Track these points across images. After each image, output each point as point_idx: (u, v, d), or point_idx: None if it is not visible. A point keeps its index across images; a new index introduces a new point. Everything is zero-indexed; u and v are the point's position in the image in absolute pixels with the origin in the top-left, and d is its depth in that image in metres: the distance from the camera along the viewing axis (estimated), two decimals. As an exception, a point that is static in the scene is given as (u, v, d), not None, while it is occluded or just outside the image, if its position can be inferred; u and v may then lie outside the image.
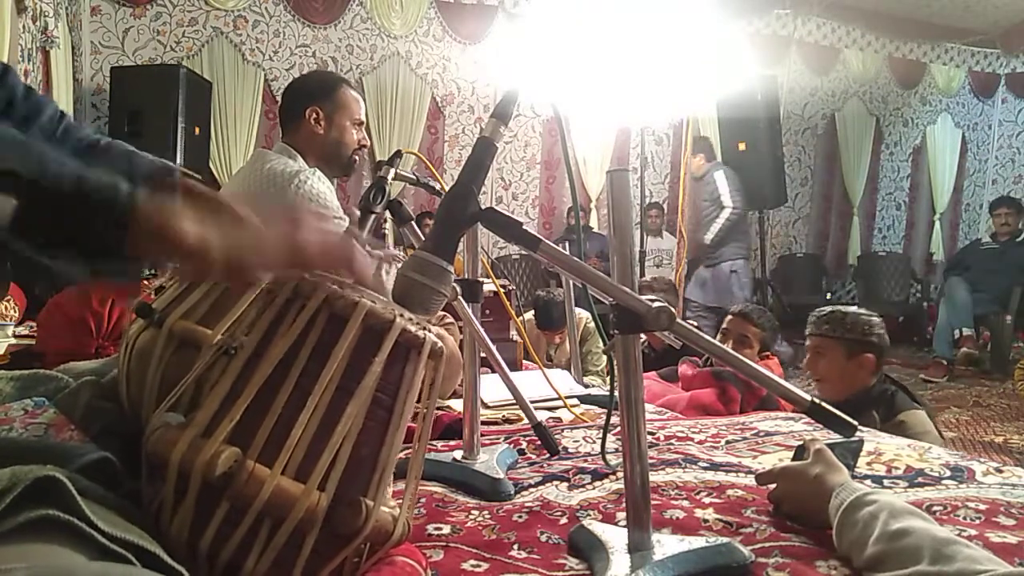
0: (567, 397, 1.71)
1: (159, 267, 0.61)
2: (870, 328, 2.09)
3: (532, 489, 1.14)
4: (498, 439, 1.41)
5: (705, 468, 1.24)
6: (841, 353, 2.09)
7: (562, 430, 1.51)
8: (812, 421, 1.22)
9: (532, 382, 1.74)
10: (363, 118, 1.94)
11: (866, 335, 2.08)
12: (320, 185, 1.75)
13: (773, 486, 1.03)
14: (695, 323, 3.69)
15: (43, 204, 0.53)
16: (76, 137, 0.98)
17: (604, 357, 3.14)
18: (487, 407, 1.64)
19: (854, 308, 2.19)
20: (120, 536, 0.54)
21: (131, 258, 0.58)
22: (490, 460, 1.20)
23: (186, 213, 0.59)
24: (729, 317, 2.58)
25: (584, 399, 1.79)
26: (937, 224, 8.09)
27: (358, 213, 1.34)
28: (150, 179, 0.92)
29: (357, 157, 1.93)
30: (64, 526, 0.53)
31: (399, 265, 0.83)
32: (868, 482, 1.15)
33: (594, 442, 1.41)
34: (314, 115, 1.85)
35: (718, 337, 2.55)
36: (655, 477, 1.18)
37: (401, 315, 0.70)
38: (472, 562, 0.87)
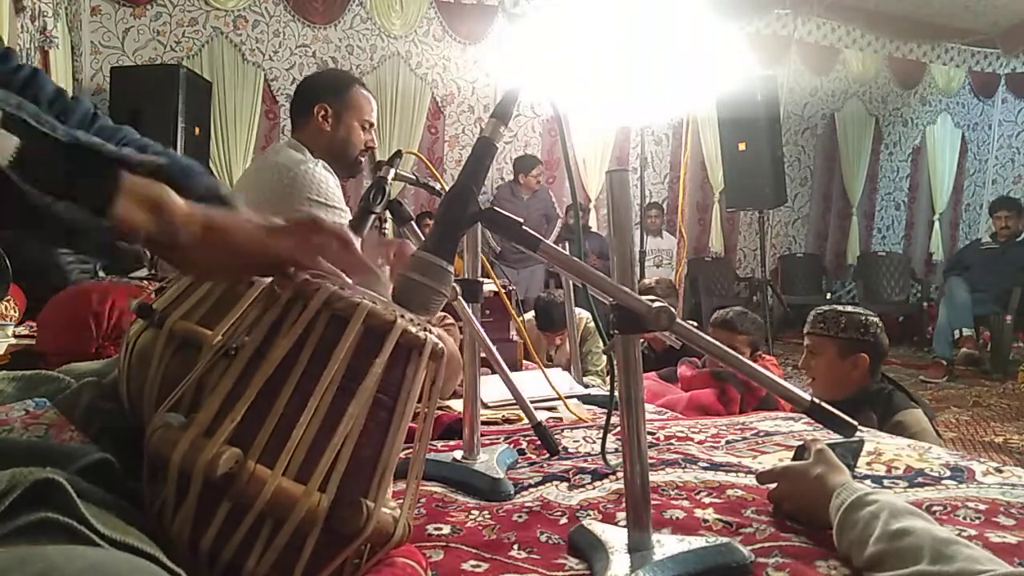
0: (567, 397, 1.71)
1: (144, 246, 0.61)
2: (865, 328, 2.06)
3: (532, 489, 1.14)
4: (498, 439, 1.42)
5: (705, 468, 1.24)
6: (835, 352, 2.08)
7: (562, 430, 1.51)
8: (812, 421, 1.22)
9: (532, 382, 1.74)
10: (373, 120, 1.92)
11: (861, 335, 2.05)
12: (325, 174, 1.76)
13: (773, 486, 1.03)
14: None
15: (41, 150, 0.54)
16: (116, 139, 0.95)
17: (604, 357, 3.14)
18: (487, 407, 1.64)
19: (851, 308, 2.16)
20: (119, 539, 0.54)
21: (113, 232, 0.58)
22: (490, 460, 1.21)
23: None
24: (711, 330, 2.53)
25: (584, 399, 1.79)
26: (937, 224, 8.10)
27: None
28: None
29: (363, 159, 1.92)
30: (63, 529, 0.52)
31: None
32: (868, 482, 1.15)
33: (594, 442, 1.41)
34: (322, 112, 1.84)
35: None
36: (655, 477, 1.18)
37: (402, 316, 0.70)
38: (472, 562, 0.87)
